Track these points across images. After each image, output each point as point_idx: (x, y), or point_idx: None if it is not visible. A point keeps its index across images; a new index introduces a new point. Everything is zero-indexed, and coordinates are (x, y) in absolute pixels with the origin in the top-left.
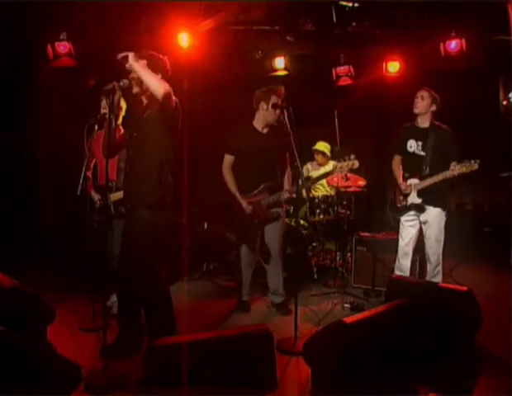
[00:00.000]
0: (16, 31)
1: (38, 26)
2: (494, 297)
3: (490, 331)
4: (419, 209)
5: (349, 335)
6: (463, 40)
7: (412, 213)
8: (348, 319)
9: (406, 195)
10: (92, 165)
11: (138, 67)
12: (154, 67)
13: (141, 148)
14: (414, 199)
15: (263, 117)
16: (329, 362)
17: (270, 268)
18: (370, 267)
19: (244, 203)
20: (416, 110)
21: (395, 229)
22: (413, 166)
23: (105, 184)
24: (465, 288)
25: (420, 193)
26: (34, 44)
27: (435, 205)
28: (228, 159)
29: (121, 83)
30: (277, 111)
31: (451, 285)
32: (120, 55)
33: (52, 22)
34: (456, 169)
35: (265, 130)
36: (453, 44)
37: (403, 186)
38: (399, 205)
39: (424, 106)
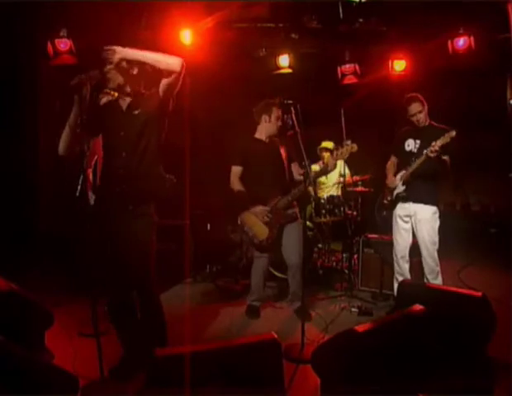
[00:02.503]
0: (15, 28)
1: (37, 23)
2: (499, 299)
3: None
4: (404, 199)
5: (361, 344)
6: (472, 38)
7: (403, 214)
8: (360, 328)
9: (393, 190)
10: (93, 163)
11: (134, 53)
12: (119, 68)
13: (138, 148)
14: (399, 189)
15: (266, 129)
16: (339, 372)
17: (291, 274)
18: (377, 270)
19: (259, 209)
20: (422, 124)
21: None
22: (408, 163)
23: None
24: (479, 293)
25: (405, 183)
26: (33, 41)
27: (425, 202)
28: (236, 170)
29: (89, 74)
30: (279, 123)
31: (464, 290)
32: (105, 53)
33: (52, 19)
34: (436, 144)
35: (268, 140)
36: (461, 42)
37: (390, 180)
38: (385, 202)
39: (424, 115)
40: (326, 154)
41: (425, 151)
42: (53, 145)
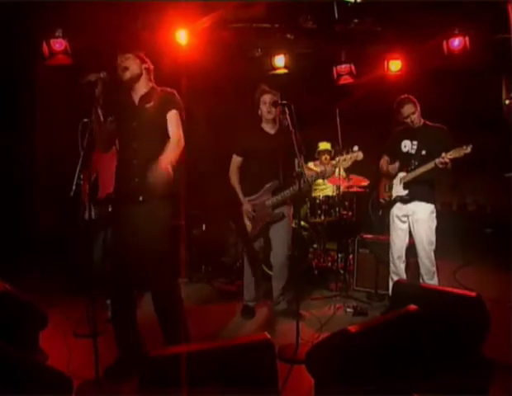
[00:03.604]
0: (11, 28)
1: (35, 23)
2: (495, 299)
3: (491, 332)
4: (405, 201)
5: (355, 344)
6: (467, 38)
7: (401, 214)
8: (354, 328)
9: (391, 189)
10: (92, 178)
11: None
12: (137, 61)
13: (148, 138)
14: (400, 191)
15: (263, 118)
16: (333, 372)
17: (274, 273)
18: (373, 270)
19: (244, 205)
20: (416, 125)
21: None
22: (407, 165)
23: (107, 195)
24: (473, 293)
25: (407, 186)
26: (31, 42)
27: (424, 200)
28: (236, 160)
29: (101, 75)
30: (273, 109)
31: (458, 290)
32: None
33: (47, 19)
34: (447, 156)
35: (273, 131)
36: (457, 42)
37: (391, 167)
38: (382, 200)
39: (418, 116)
40: (326, 156)
41: (436, 160)
42: (51, 145)
